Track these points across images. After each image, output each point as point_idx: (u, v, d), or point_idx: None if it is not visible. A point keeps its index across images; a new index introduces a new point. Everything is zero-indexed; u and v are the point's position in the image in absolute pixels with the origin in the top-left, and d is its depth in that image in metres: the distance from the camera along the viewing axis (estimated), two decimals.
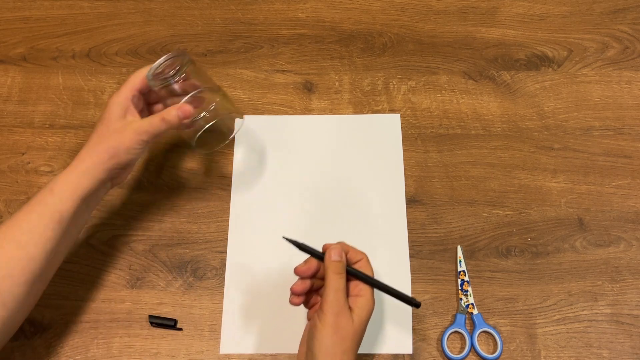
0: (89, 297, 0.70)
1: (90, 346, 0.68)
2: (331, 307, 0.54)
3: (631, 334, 0.67)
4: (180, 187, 0.76)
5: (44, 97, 0.82)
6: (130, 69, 0.84)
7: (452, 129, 0.79)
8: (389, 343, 0.67)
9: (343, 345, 0.53)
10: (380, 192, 0.75)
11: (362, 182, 0.75)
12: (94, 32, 0.87)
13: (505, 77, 0.82)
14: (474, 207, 0.74)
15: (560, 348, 0.66)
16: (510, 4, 0.88)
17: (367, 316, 0.56)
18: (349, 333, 0.54)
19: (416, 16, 0.87)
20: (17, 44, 0.86)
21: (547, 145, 0.77)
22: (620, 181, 0.75)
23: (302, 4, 0.89)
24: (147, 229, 0.73)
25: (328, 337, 0.53)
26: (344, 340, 0.54)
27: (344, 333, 0.54)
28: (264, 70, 0.84)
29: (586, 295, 0.69)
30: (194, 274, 0.71)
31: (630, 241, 0.71)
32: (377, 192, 0.75)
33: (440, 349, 0.67)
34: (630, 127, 0.78)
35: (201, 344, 0.68)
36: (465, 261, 0.70)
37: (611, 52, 0.83)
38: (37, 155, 0.78)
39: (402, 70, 0.83)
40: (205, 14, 0.88)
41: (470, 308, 0.68)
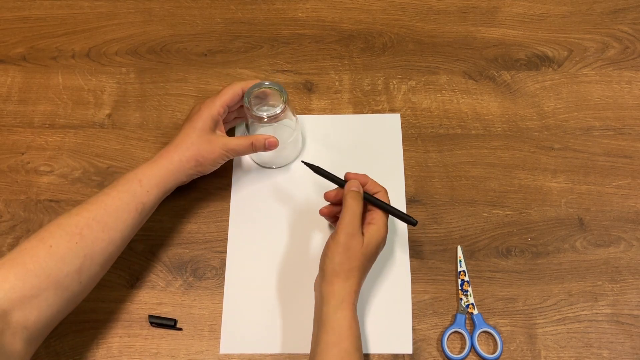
0: (89, 297, 0.69)
1: (90, 346, 0.67)
2: (345, 228, 0.60)
3: (631, 334, 0.67)
4: (180, 187, 0.76)
5: (43, 97, 0.82)
6: (130, 69, 0.84)
7: (452, 129, 0.79)
8: (389, 343, 0.67)
9: (351, 264, 0.59)
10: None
11: None
12: (93, 32, 0.87)
13: (506, 77, 0.82)
14: (474, 207, 0.74)
15: (560, 348, 0.66)
16: (511, 3, 0.88)
17: (376, 242, 0.61)
18: (358, 253, 0.59)
19: (416, 16, 0.87)
20: (17, 44, 0.86)
21: (547, 145, 0.77)
22: (621, 181, 0.75)
23: (302, 4, 0.88)
24: (147, 228, 0.73)
25: (338, 255, 0.59)
26: (352, 259, 0.59)
27: (353, 253, 0.59)
28: (264, 70, 0.84)
29: (586, 295, 0.69)
30: (193, 273, 0.71)
31: (631, 241, 0.71)
32: None
33: (441, 349, 0.67)
34: (631, 127, 0.78)
35: (201, 344, 0.68)
36: (465, 261, 0.70)
37: (611, 52, 0.83)
38: (36, 155, 0.78)
39: (402, 70, 0.83)
40: (205, 13, 0.88)
41: (471, 308, 0.68)
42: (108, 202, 0.61)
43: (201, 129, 0.67)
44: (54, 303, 0.56)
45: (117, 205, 0.61)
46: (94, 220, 0.59)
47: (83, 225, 0.58)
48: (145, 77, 0.83)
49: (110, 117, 0.81)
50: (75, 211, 0.60)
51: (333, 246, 0.60)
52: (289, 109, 0.69)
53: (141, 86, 0.83)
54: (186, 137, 0.67)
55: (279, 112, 0.67)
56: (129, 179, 0.63)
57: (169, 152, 0.66)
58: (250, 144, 0.68)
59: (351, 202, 0.61)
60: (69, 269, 0.56)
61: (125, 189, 0.62)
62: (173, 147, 0.67)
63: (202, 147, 0.67)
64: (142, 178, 0.63)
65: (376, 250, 0.62)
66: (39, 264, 0.55)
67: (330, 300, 0.59)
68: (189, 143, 0.66)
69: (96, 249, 0.59)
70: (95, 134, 0.79)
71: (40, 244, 0.56)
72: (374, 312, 0.68)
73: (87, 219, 0.59)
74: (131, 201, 0.62)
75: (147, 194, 0.63)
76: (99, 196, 0.61)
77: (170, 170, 0.65)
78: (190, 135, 0.67)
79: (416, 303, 0.69)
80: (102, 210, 0.60)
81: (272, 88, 0.69)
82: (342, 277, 0.59)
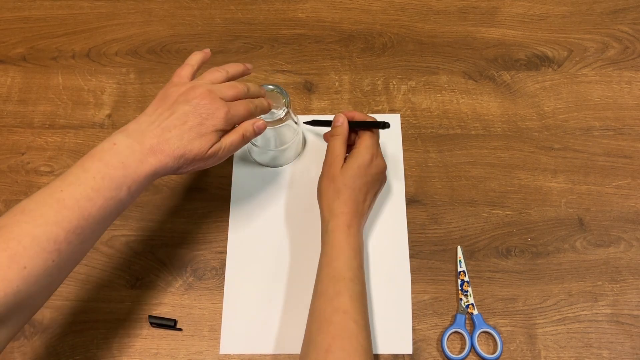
0: (89, 297, 0.70)
1: (90, 346, 0.67)
2: (326, 161, 0.66)
3: (631, 334, 0.67)
4: (180, 187, 0.76)
5: (43, 97, 0.82)
6: (130, 69, 0.84)
7: (452, 129, 0.79)
8: (389, 343, 0.67)
9: (333, 186, 0.64)
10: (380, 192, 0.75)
11: None
12: (93, 32, 0.87)
13: (505, 77, 0.82)
14: (474, 207, 0.74)
15: (560, 348, 0.66)
16: (511, 4, 0.88)
17: (356, 161, 0.64)
18: (338, 176, 0.64)
19: (416, 16, 0.87)
20: (17, 44, 0.86)
21: (547, 146, 0.77)
22: (621, 181, 0.75)
23: (302, 4, 0.88)
24: (147, 229, 0.73)
25: (322, 183, 0.66)
26: (333, 182, 0.64)
27: (333, 176, 0.64)
28: (264, 71, 0.84)
29: (586, 295, 0.69)
30: (193, 274, 0.71)
31: (631, 241, 0.71)
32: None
33: (440, 349, 0.67)
34: (631, 127, 0.78)
35: (201, 344, 0.68)
36: (465, 261, 0.70)
37: (611, 52, 0.83)
38: (36, 156, 0.78)
39: (402, 70, 0.83)
40: (205, 14, 0.88)
41: (470, 308, 0.68)
42: (92, 213, 0.51)
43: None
44: (20, 321, 0.49)
45: (101, 216, 0.52)
46: (74, 233, 0.50)
47: (62, 240, 0.49)
48: (145, 78, 0.83)
49: (110, 117, 0.81)
50: (53, 216, 0.49)
51: (319, 179, 0.66)
52: (291, 111, 0.69)
53: (141, 86, 0.83)
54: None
55: (282, 115, 0.67)
56: (118, 183, 0.53)
57: (172, 137, 0.57)
58: (242, 137, 0.61)
59: (331, 142, 0.67)
60: (41, 289, 0.49)
61: (112, 196, 0.52)
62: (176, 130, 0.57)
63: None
64: (131, 185, 0.53)
65: (359, 168, 0.64)
66: (11, 289, 0.46)
67: (322, 225, 0.64)
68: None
69: (71, 262, 0.52)
70: (95, 135, 0.79)
71: (13, 264, 0.47)
72: (373, 312, 0.68)
73: (67, 232, 0.50)
74: (116, 209, 0.53)
75: (132, 198, 0.55)
76: (81, 201, 0.51)
77: (159, 173, 0.56)
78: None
79: (416, 303, 0.69)
80: (83, 222, 0.51)
81: (274, 91, 0.68)
82: (330, 199, 0.64)
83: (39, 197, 0.51)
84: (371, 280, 0.70)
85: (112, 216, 0.54)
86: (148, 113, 0.58)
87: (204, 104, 0.57)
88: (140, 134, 0.55)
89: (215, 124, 0.57)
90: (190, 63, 0.63)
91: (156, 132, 0.55)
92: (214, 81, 0.61)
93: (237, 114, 0.59)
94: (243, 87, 0.61)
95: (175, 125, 0.56)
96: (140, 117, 0.57)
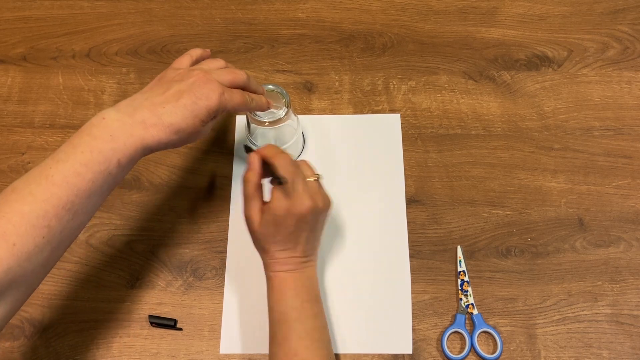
0: (89, 297, 0.70)
1: (90, 346, 0.67)
2: (245, 215, 0.63)
3: (631, 334, 0.67)
4: (180, 187, 0.76)
5: (44, 97, 0.82)
6: (131, 69, 0.84)
7: (452, 129, 0.79)
8: (389, 343, 0.67)
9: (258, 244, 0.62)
10: (380, 192, 0.75)
11: (362, 182, 0.75)
12: (94, 32, 0.87)
13: (506, 77, 0.82)
14: (474, 207, 0.74)
15: (560, 348, 0.66)
16: (510, 4, 0.88)
17: (270, 215, 0.60)
18: (258, 234, 0.61)
19: (416, 16, 0.87)
20: (17, 44, 0.86)
21: (547, 146, 0.77)
22: (620, 181, 0.75)
23: (302, 4, 0.89)
24: (147, 228, 0.73)
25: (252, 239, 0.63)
26: (257, 240, 0.62)
27: (254, 235, 0.62)
28: (264, 70, 0.84)
29: (586, 295, 0.69)
30: (193, 273, 0.71)
31: (630, 241, 0.71)
32: (377, 192, 0.75)
33: (440, 349, 0.67)
34: (631, 127, 0.78)
35: (201, 344, 0.68)
36: (465, 261, 0.70)
37: (611, 52, 0.83)
38: (37, 155, 0.78)
39: (402, 70, 0.83)
40: (205, 14, 0.88)
41: (470, 308, 0.68)
42: (81, 187, 0.50)
43: None
44: (17, 299, 0.50)
45: (91, 190, 0.51)
46: (64, 208, 0.50)
47: (51, 216, 0.49)
48: (146, 78, 0.83)
49: None
50: (41, 194, 0.49)
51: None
52: (291, 111, 0.69)
53: (141, 86, 0.81)
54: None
55: (282, 115, 0.67)
56: (107, 156, 0.52)
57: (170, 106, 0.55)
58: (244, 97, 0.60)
59: (243, 199, 0.63)
60: (34, 266, 0.49)
61: (101, 170, 0.51)
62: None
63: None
64: (121, 158, 0.52)
65: (275, 226, 0.60)
66: (1, 266, 0.46)
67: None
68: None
69: (64, 238, 0.51)
70: None
71: (2, 241, 0.47)
72: (373, 312, 0.68)
73: (56, 207, 0.49)
74: (106, 183, 0.52)
75: (124, 172, 0.54)
76: (69, 177, 0.50)
77: (150, 147, 0.55)
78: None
79: (416, 303, 0.69)
80: (73, 197, 0.50)
81: (274, 91, 0.68)
82: (261, 251, 0.62)
83: (29, 176, 0.51)
84: (371, 280, 0.70)
85: (104, 190, 0.53)
86: (143, 91, 0.58)
87: (199, 84, 0.56)
88: (131, 109, 0.54)
89: (208, 105, 0.56)
90: (191, 54, 0.63)
91: (148, 107, 0.54)
92: (212, 67, 0.61)
93: (232, 99, 0.58)
94: (242, 73, 0.61)
95: (169, 102, 0.55)
96: (134, 95, 0.57)
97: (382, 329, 0.68)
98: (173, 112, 0.54)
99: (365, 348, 0.67)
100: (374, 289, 0.69)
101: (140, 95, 0.57)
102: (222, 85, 0.57)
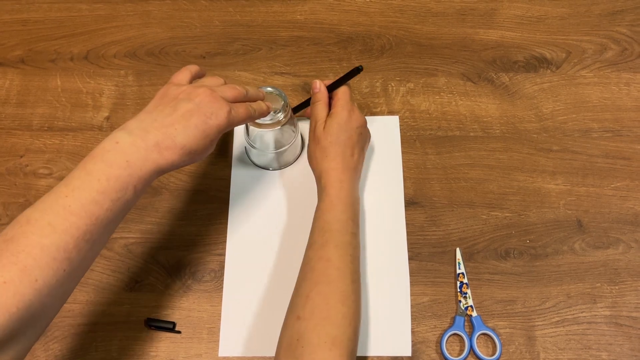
0: (88, 300, 0.70)
1: (89, 349, 0.67)
2: (311, 126, 0.71)
3: (630, 336, 0.67)
4: (178, 190, 0.76)
5: (42, 100, 0.82)
6: (129, 72, 0.84)
7: (450, 131, 0.79)
8: (388, 345, 0.67)
9: (319, 147, 0.68)
10: (379, 194, 0.75)
11: (360, 184, 0.75)
12: (92, 35, 0.87)
13: (504, 79, 0.82)
14: (472, 209, 0.74)
15: (559, 350, 0.66)
16: (509, 5, 0.88)
17: (335, 120, 0.68)
18: (321, 136, 0.68)
19: (414, 18, 0.87)
20: (15, 47, 0.86)
21: (545, 147, 0.77)
22: (619, 183, 0.75)
23: (300, 6, 0.89)
24: (146, 231, 0.73)
25: (310, 147, 0.70)
26: (319, 143, 0.68)
27: (318, 138, 0.69)
28: (263, 73, 0.84)
29: (585, 297, 0.69)
30: (192, 276, 0.71)
31: (629, 243, 0.71)
32: (376, 194, 0.75)
33: (439, 351, 0.67)
34: (629, 128, 0.78)
35: (200, 347, 0.68)
36: (464, 263, 0.70)
37: (609, 53, 0.83)
38: (35, 158, 0.78)
39: (400, 72, 0.83)
40: (204, 16, 0.88)
41: (469, 310, 0.68)
42: (100, 216, 0.49)
43: None
44: (34, 334, 0.48)
45: (109, 219, 0.50)
46: (83, 240, 0.48)
47: (72, 248, 0.48)
48: (144, 80, 0.83)
49: (108, 119, 0.81)
50: (60, 224, 0.48)
51: (308, 144, 0.71)
52: (289, 114, 0.69)
53: (140, 89, 0.83)
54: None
55: (281, 118, 0.67)
56: (124, 183, 0.51)
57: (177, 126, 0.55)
58: (248, 110, 0.61)
59: (312, 109, 0.71)
60: (54, 300, 0.48)
61: (119, 197, 0.50)
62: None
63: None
64: (137, 183, 0.52)
65: (339, 127, 0.68)
66: (23, 303, 0.44)
67: (317, 184, 0.69)
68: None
69: (81, 269, 0.50)
70: (94, 137, 0.79)
71: (25, 276, 0.45)
72: (372, 314, 0.68)
73: (76, 239, 0.48)
74: (123, 210, 0.52)
75: (138, 197, 0.53)
76: (87, 205, 0.49)
77: (163, 170, 0.55)
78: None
79: (415, 305, 0.69)
80: (92, 227, 0.49)
81: (273, 94, 0.68)
82: (319, 159, 0.68)
83: (44, 205, 0.49)
84: (370, 282, 0.70)
85: (119, 217, 0.52)
86: (149, 110, 0.56)
87: (207, 102, 0.56)
88: (142, 131, 0.53)
89: (218, 124, 0.56)
90: (190, 69, 0.63)
91: (160, 129, 0.53)
92: (213, 84, 0.60)
93: (238, 114, 0.59)
94: (242, 89, 0.61)
95: (179, 122, 0.54)
96: (140, 114, 0.56)
97: (381, 331, 0.68)
98: (184, 134, 0.54)
99: (365, 350, 0.67)
100: (373, 291, 0.69)
101: (147, 115, 0.55)
102: (228, 102, 0.58)
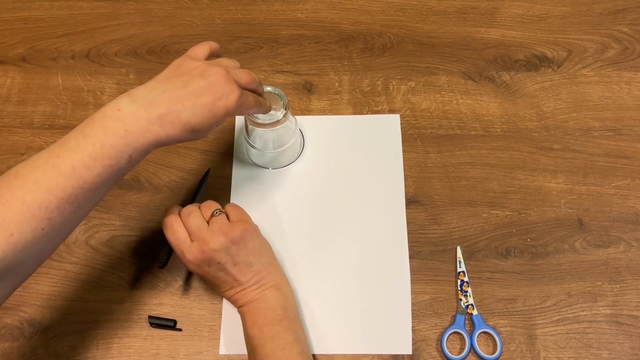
0: (89, 298, 0.70)
1: (90, 347, 0.67)
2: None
3: (631, 335, 0.67)
4: (180, 188, 0.76)
5: (43, 98, 0.82)
6: (130, 70, 0.84)
7: (451, 130, 0.79)
8: (389, 343, 0.67)
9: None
10: (379, 193, 0.75)
11: (361, 183, 0.75)
12: (93, 33, 0.87)
13: (505, 77, 0.82)
14: (473, 208, 0.74)
15: (559, 349, 0.66)
16: (510, 4, 0.88)
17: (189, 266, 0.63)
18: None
19: (416, 17, 0.87)
20: (16, 45, 0.86)
21: (546, 146, 0.77)
22: (620, 182, 0.75)
23: (301, 5, 0.89)
24: (147, 229, 0.73)
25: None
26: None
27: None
28: (264, 71, 0.84)
29: (586, 296, 0.69)
30: (193, 274, 0.71)
31: (630, 242, 0.71)
32: (377, 193, 0.75)
33: (440, 349, 0.67)
34: (630, 127, 0.78)
35: (201, 345, 0.68)
36: (464, 262, 0.70)
37: (611, 52, 0.83)
38: None
39: (401, 71, 0.83)
40: (205, 14, 0.88)
41: (470, 309, 0.68)
42: (89, 181, 0.48)
43: None
44: (9, 287, 0.49)
45: (97, 184, 0.49)
46: (67, 202, 0.48)
47: (53, 208, 0.47)
48: (145, 78, 0.82)
49: None
50: (46, 183, 0.47)
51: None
52: (289, 113, 0.69)
53: None
54: None
55: (281, 117, 0.67)
56: (119, 152, 0.50)
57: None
58: (255, 98, 0.61)
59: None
60: (30, 256, 0.48)
61: (111, 164, 0.49)
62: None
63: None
64: (133, 153, 0.50)
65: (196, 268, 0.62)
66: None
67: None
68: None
69: (63, 231, 0.50)
70: None
71: (1, 230, 0.45)
72: (373, 312, 0.68)
73: (59, 199, 0.47)
74: (114, 177, 0.51)
75: (132, 166, 0.52)
76: (78, 168, 0.48)
77: (163, 143, 0.53)
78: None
79: (416, 303, 0.69)
80: (78, 189, 0.48)
81: (272, 93, 0.68)
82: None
83: (34, 162, 0.49)
84: (371, 280, 0.70)
85: (109, 184, 0.51)
86: (160, 80, 0.55)
87: (220, 83, 0.55)
88: (148, 102, 0.52)
89: (227, 106, 0.55)
90: (210, 44, 0.61)
91: (166, 102, 0.52)
92: (229, 66, 0.59)
93: (247, 102, 0.58)
94: (256, 77, 0.60)
95: (188, 98, 0.53)
96: (151, 82, 0.55)
97: (381, 329, 0.68)
98: (191, 111, 0.53)
99: (365, 348, 0.67)
100: (374, 289, 0.69)
101: (158, 85, 0.54)
102: (239, 87, 0.57)
